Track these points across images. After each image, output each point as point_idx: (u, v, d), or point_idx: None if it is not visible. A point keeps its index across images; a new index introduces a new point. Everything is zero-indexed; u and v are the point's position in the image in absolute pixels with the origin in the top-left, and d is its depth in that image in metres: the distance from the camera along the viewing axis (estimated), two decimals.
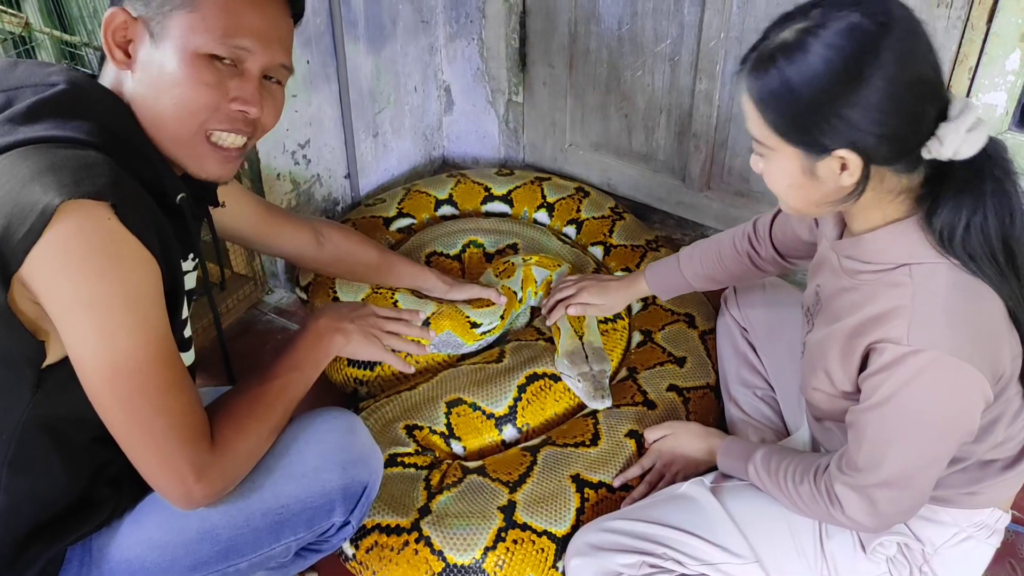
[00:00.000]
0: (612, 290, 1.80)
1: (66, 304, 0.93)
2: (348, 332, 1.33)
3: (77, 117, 1.00)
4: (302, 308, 2.12)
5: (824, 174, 1.09)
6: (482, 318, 1.84)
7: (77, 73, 1.05)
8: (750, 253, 1.60)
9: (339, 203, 2.32)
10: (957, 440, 1.14)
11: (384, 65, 2.31)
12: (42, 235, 0.90)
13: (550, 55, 2.34)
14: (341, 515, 1.19)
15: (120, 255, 0.94)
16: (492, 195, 2.31)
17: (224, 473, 1.06)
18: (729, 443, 1.47)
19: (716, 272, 1.66)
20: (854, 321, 1.16)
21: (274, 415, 1.15)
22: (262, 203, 1.49)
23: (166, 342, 1.00)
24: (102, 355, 0.95)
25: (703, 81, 2.12)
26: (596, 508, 1.52)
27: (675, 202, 2.36)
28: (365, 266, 1.73)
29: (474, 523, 1.45)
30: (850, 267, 1.20)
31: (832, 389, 1.23)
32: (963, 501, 1.27)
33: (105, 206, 0.93)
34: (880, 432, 1.13)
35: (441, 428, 1.66)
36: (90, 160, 0.95)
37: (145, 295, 0.97)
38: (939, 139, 1.04)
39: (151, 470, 1.02)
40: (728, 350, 1.78)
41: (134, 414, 0.98)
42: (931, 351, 1.07)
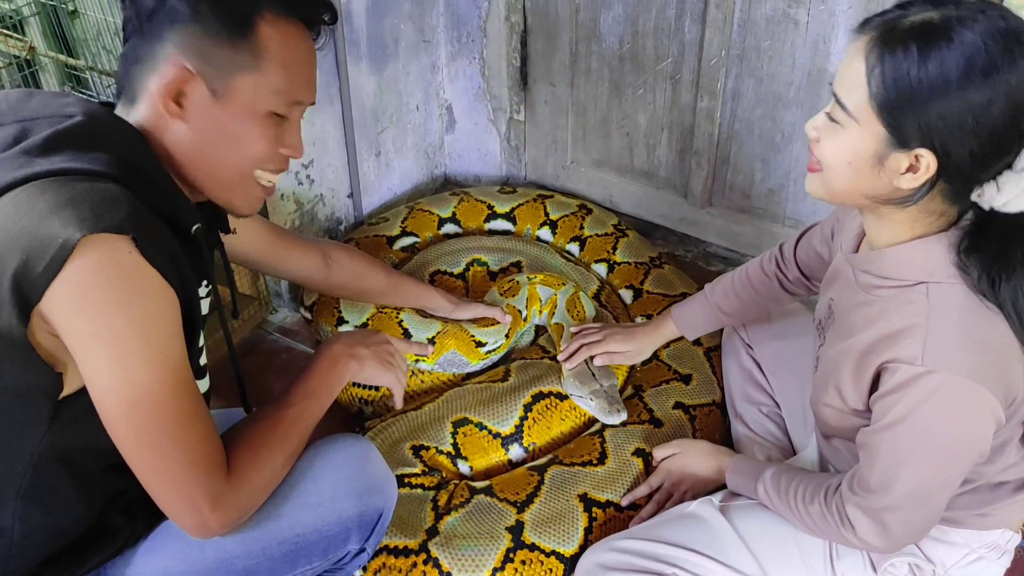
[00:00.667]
0: (638, 336, 1.77)
1: (85, 337, 0.94)
2: (362, 358, 1.33)
3: (94, 149, 1.00)
4: (307, 327, 2.12)
5: (891, 167, 1.06)
6: (487, 337, 1.85)
7: (94, 105, 1.06)
8: (778, 275, 1.59)
9: (342, 222, 2.32)
10: (969, 461, 1.14)
11: (386, 84, 2.32)
12: (62, 269, 0.91)
13: (551, 74, 2.36)
14: (356, 543, 1.19)
15: (139, 288, 0.95)
16: (495, 213, 2.31)
17: (240, 503, 1.06)
18: (738, 462, 1.47)
19: (746, 300, 1.63)
20: (867, 338, 1.15)
21: (290, 444, 1.15)
22: (270, 226, 1.49)
23: (184, 374, 1.00)
24: (120, 388, 0.95)
25: (704, 99, 2.13)
26: (604, 527, 1.51)
27: (677, 219, 2.37)
28: (372, 287, 1.73)
29: (482, 544, 1.45)
30: (866, 281, 1.19)
31: (843, 406, 1.23)
32: (974, 522, 1.27)
33: (125, 239, 0.94)
34: (893, 453, 1.13)
35: (448, 448, 1.66)
36: (109, 194, 0.96)
37: (164, 327, 0.98)
38: (997, 184, 1.03)
39: (167, 500, 1.02)
40: (733, 367, 1.77)
41: (151, 446, 0.98)
42: (944, 372, 1.06)
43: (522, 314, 1.91)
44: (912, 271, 1.12)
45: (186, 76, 1.03)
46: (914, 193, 1.07)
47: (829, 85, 1.12)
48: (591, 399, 1.66)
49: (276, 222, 2.03)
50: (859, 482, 1.19)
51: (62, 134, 1.01)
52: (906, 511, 1.17)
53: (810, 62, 1.96)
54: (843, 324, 1.24)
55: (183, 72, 1.02)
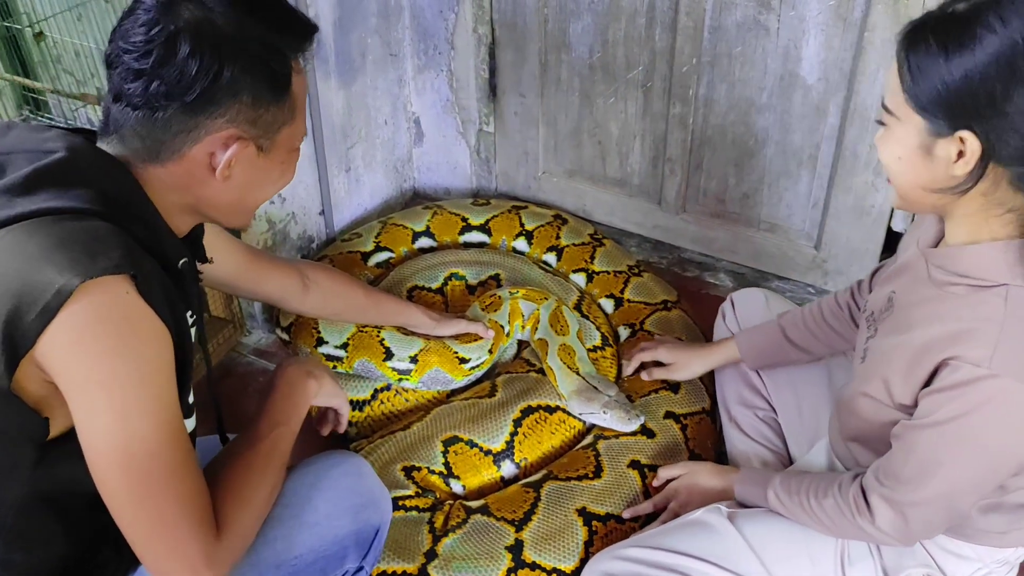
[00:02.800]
0: (688, 351, 1.76)
1: (80, 383, 0.91)
2: (319, 376, 1.30)
3: (76, 185, 0.96)
4: (283, 349, 2.08)
5: (941, 154, 1.06)
6: (470, 353, 1.82)
7: (75, 139, 1.02)
8: (850, 305, 1.54)
9: (314, 240, 2.28)
10: (1008, 471, 1.13)
11: (355, 99, 2.28)
12: (56, 316, 0.87)
13: (521, 85, 2.35)
14: (354, 561, 1.17)
15: (139, 332, 0.92)
16: (470, 225, 2.29)
17: (232, 553, 1.02)
18: (746, 472, 1.46)
19: (816, 331, 1.58)
20: (931, 333, 1.13)
21: (270, 477, 1.12)
22: (246, 249, 1.46)
23: (179, 422, 0.97)
24: (114, 437, 0.91)
25: (677, 106, 2.14)
26: (604, 541, 1.50)
27: (651, 226, 2.37)
28: (351, 306, 1.70)
29: (482, 565, 1.42)
30: (940, 277, 1.15)
31: (886, 399, 1.20)
32: (993, 540, 1.26)
33: (124, 279, 0.91)
34: (934, 451, 1.12)
35: (439, 468, 1.63)
36: (100, 232, 0.93)
37: (159, 371, 0.95)
38: None
39: (157, 559, 0.96)
40: (728, 370, 1.75)
41: (145, 500, 0.94)
42: (1009, 379, 1.05)
43: (504, 329, 1.89)
44: (992, 271, 1.09)
45: (242, 146, 1.02)
46: (973, 175, 1.06)
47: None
48: (604, 412, 1.64)
49: (249, 242, 1.98)
50: (887, 473, 1.18)
51: (42, 172, 0.97)
52: (932, 509, 1.16)
53: (781, 67, 1.98)
54: (903, 317, 1.21)
55: (239, 144, 1.02)
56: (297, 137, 1.10)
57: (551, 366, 1.77)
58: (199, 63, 0.96)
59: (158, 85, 0.96)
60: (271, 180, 1.11)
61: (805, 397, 1.60)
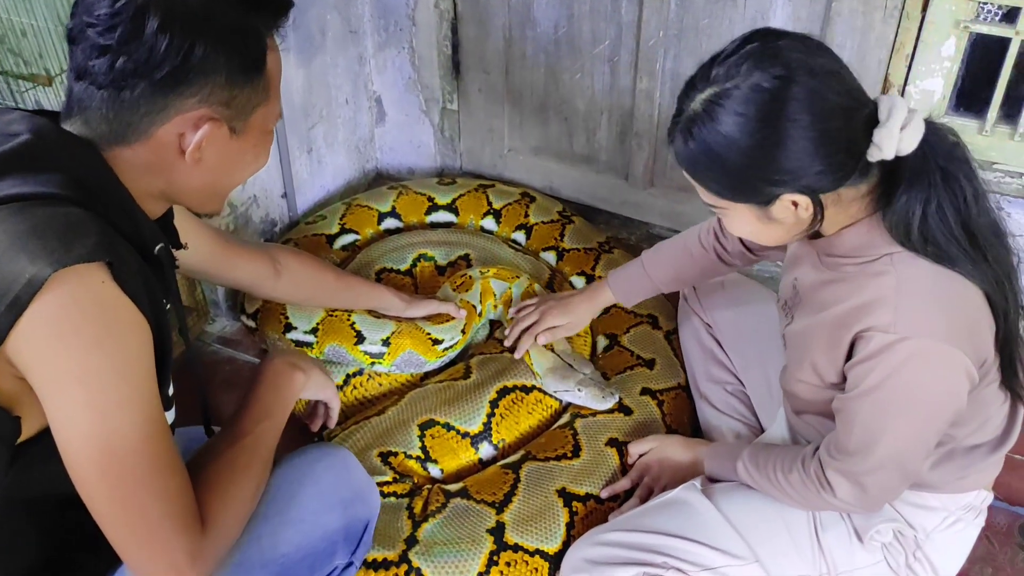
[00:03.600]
0: (575, 306, 1.76)
1: (56, 379, 0.86)
2: (306, 369, 1.26)
3: (46, 169, 0.91)
4: (248, 336, 2.03)
5: (781, 215, 1.12)
6: (443, 334, 1.79)
7: (41, 120, 0.96)
8: (716, 248, 1.59)
9: (277, 224, 2.23)
10: (945, 422, 1.16)
11: (315, 78, 2.23)
12: (28, 307, 0.83)
13: (485, 61, 2.30)
14: (344, 556, 1.13)
15: (116, 323, 0.88)
16: (436, 205, 2.25)
17: (217, 551, 0.98)
18: (715, 447, 1.47)
19: (683, 271, 1.65)
20: (839, 311, 1.17)
21: (255, 473, 1.08)
22: (218, 234, 1.41)
23: (160, 416, 0.93)
24: (94, 434, 0.87)
25: (643, 80, 2.12)
26: (586, 521, 1.49)
27: (619, 202, 2.36)
28: (323, 290, 1.66)
29: (464, 549, 1.40)
30: (831, 261, 1.21)
31: (818, 381, 1.24)
32: (951, 486, 1.29)
33: (99, 267, 0.86)
34: (872, 418, 1.15)
35: (416, 452, 1.60)
36: (73, 218, 0.88)
37: (139, 364, 0.90)
38: (877, 145, 1.06)
39: (140, 559, 0.92)
40: (694, 348, 1.77)
41: (127, 499, 0.89)
42: (918, 338, 1.09)
43: (476, 309, 1.86)
44: (871, 247, 1.15)
45: (214, 127, 0.97)
46: (818, 213, 1.12)
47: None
48: (579, 389, 1.63)
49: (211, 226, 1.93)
50: (837, 447, 1.21)
51: (8, 155, 0.91)
52: (885, 473, 1.19)
53: None
54: (813, 301, 1.25)
55: (211, 124, 0.96)
56: (272, 118, 1.05)
57: (528, 351, 1.75)
58: (169, 39, 0.91)
59: (124, 62, 0.91)
60: (244, 164, 1.06)
61: (771, 370, 1.61)
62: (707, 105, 1.06)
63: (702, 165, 1.10)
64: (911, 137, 1.06)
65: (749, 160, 1.06)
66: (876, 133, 1.06)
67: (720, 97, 1.05)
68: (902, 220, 1.10)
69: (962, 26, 1.73)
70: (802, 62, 1.04)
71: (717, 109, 1.05)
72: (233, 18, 0.95)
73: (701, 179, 1.13)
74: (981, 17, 1.76)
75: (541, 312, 1.76)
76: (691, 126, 1.08)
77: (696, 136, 1.07)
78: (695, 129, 1.07)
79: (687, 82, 1.12)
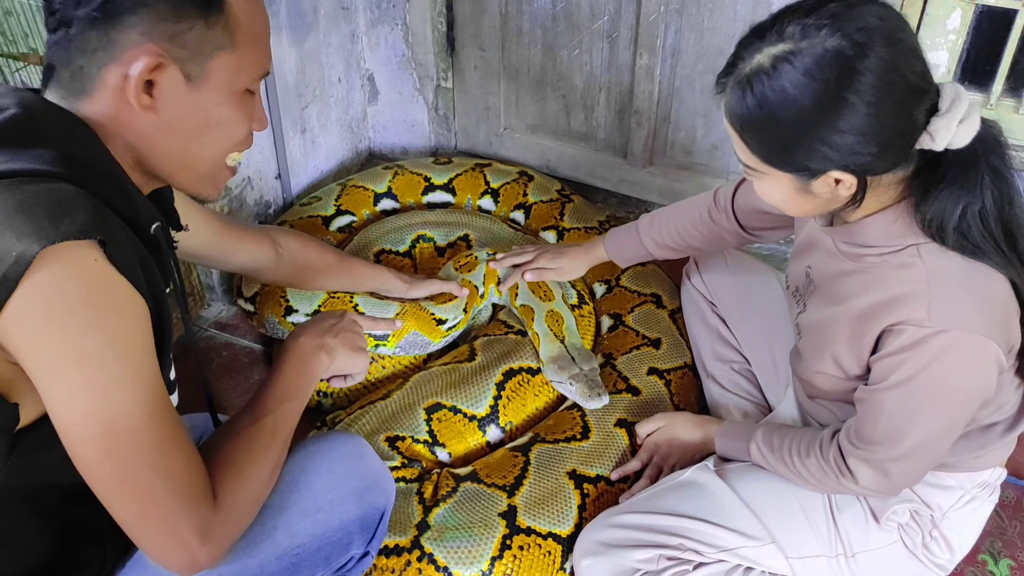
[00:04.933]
0: (570, 254, 1.77)
1: (50, 362, 0.82)
2: (332, 348, 1.21)
3: (35, 145, 0.87)
4: (246, 320, 1.99)
5: (819, 190, 1.07)
6: (446, 314, 1.77)
7: (27, 94, 0.92)
8: (710, 225, 1.57)
9: (271, 205, 2.19)
10: (975, 408, 1.14)
11: (308, 57, 2.18)
12: (17, 287, 0.79)
13: (480, 38, 2.26)
14: (360, 546, 1.11)
15: (109, 301, 0.84)
16: (433, 185, 2.22)
17: (229, 530, 0.96)
18: (727, 426, 1.46)
19: (676, 241, 1.63)
20: (863, 303, 1.14)
21: (272, 455, 1.05)
22: (219, 217, 1.37)
23: (162, 394, 0.89)
24: (94, 416, 0.84)
25: (644, 56, 2.09)
26: (597, 503, 1.47)
27: (618, 180, 2.33)
28: (324, 273, 1.63)
29: (477, 533, 1.39)
30: (850, 251, 1.17)
31: (840, 373, 1.21)
32: (967, 464, 1.29)
33: (91, 245, 0.83)
34: (901, 409, 1.13)
35: (424, 436, 1.58)
36: (63, 194, 0.84)
37: (137, 343, 0.87)
38: (931, 134, 1.02)
39: (150, 538, 0.90)
40: (699, 327, 1.76)
41: (132, 479, 0.87)
42: (954, 331, 1.06)
43: (479, 290, 1.84)
44: (896, 236, 1.11)
45: (158, 64, 0.90)
46: (859, 194, 1.07)
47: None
48: (571, 383, 1.60)
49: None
50: (859, 436, 1.19)
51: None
52: (910, 460, 1.17)
53: (752, 13, 1.94)
54: (830, 291, 1.22)
55: (155, 59, 0.90)
56: (244, 74, 0.97)
57: (537, 331, 1.72)
58: None
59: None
60: (209, 124, 0.97)
61: (778, 348, 1.60)
62: (776, 61, 0.99)
63: (755, 122, 1.03)
64: (966, 132, 1.01)
65: (807, 127, 1.00)
66: (934, 122, 1.01)
67: (792, 54, 0.98)
68: (938, 216, 1.06)
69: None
70: (885, 32, 0.98)
71: (786, 67, 0.98)
72: None
73: (749, 137, 1.05)
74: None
75: (536, 253, 1.77)
76: (752, 79, 1.01)
77: (756, 91, 1.00)
78: (756, 83, 1.00)
79: (752, 30, 1.04)
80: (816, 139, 1.01)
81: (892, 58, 0.98)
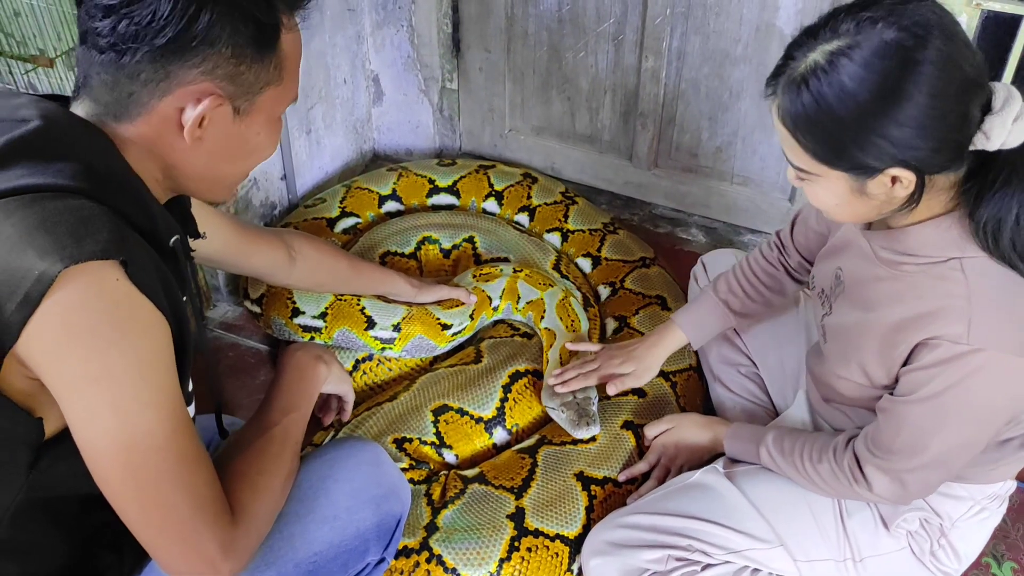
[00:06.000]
0: (639, 354, 1.60)
1: (72, 381, 0.83)
2: (328, 362, 1.28)
3: (57, 158, 0.87)
4: (251, 322, 2.00)
5: (875, 191, 1.05)
6: (452, 319, 1.77)
7: (49, 105, 0.92)
8: (783, 262, 1.53)
9: (276, 206, 2.19)
10: (1000, 426, 1.15)
11: (314, 58, 2.18)
12: (40, 305, 0.80)
13: (486, 39, 2.27)
14: (376, 553, 1.12)
15: (131, 320, 0.85)
16: (437, 187, 2.22)
17: (249, 543, 0.97)
18: (736, 428, 1.46)
19: (756, 296, 1.55)
20: (898, 314, 1.13)
21: (284, 465, 1.07)
22: (234, 222, 1.38)
23: (182, 411, 0.90)
24: (117, 435, 0.85)
25: (649, 59, 2.10)
26: (605, 505, 1.48)
27: (623, 182, 2.34)
28: (336, 277, 1.64)
29: (485, 535, 1.39)
30: (888, 257, 1.15)
31: (865, 381, 1.21)
32: (980, 477, 1.29)
33: (113, 265, 0.83)
34: (926, 422, 1.13)
35: (431, 438, 1.58)
36: (85, 212, 0.84)
37: (158, 361, 0.87)
38: (985, 133, 1.01)
39: (173, 556, 0.90)
40: None
41: (155, 497, 0.87)
42: (991, 350, 1.05)
43: (492, 302, 1.84)
44: (940, 247, 1.09)
45: (216, 104, 0.92)
46: (916, 194, 1.05)
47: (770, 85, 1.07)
48: (562, 411, 1.55)
49: None
50: (879, 445, 1.19)
51: (17, 143, 0.87)
52: (928, 472, 1.17)
53: (758, 17, 1.94)
54: (859, 296, 1.21)
55: (213, 100, 0.92)
56: (283, 103, 1.01)
57: (549, 357, 1.71)
58: (173, 3, 0.87)
59: (127, 25, 0.87)
60: (247, 151, 1.01)
61: (786, 352, 1.60)
62: (832, 57, 0.98)
63: (810, 120, 1.01)
64: (1020, 130, 1.01)
65: (865, 120, 0.98)
66: (988, 120, 1.00)
67: (850, 48, 0.98)
68: (994, 219, 1.04)
69: (975, 3, 1.72)
70: (941, 26, 0.97)
71: (843, 60, 0.98)
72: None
73: (804, 136, 1.04)
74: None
75: (601, 361, 1.60)
76: (808, 77, 1.00)
77: (812, 88, 0.99)
78: (812, 80, 0.99)
79: (804, 31, 1.03)
80: (875, 132, 0.99)
81: (950, 50, 0.97)
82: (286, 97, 1.01)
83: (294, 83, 1.01)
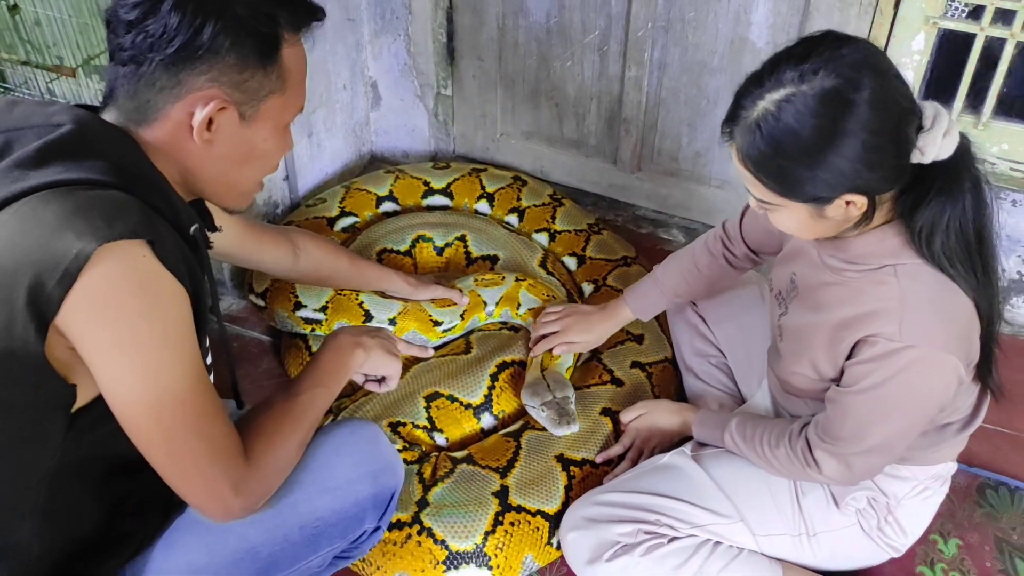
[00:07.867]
0: (596, 324, 1.80)
1: (105, 348, 0.95)
2: (368, 347, 1.35)
3: (89, 157, 0.99)
4: (256, 314, 2.11)
5: (833, 214, 1.17)
6: (442, 317, 1.89)
7: (81, 112, 1.04)
8: (725, 254, 1.66)
9: (279, 206, 2.31)
10: (933, 413, 1.28)
11: (315, 65, 2.30)
12: (78, 280, 0.91)
13: (479, 48, 2.39)
14: (372, 521, 1.24)
15: (158, 292, 0.96)
16: (432, 189, 2.34)
17: (259, 487, 1.10)
18: (703, 415, 1.58)
19: (695, 280, 1.70)
20: (842, 315, 1.26)
21: (301, 430, 1.18)
22: (244, 220, 1.50)
23: (201, 371, 1.03)
24: (146, 393, 0.97)
25: (632, 69, 2.22)
26: (582, 484, 1.60)
27: (607, 185, 2.46)
28: (337, 273, 1.76)
29: (472, 510, 1.52)
30: (833, 264, 1.28)
31: (815, 375, 1.33)
32: (923, 459, 1.41)
33: (141, 244, 0.95)
34: (867, 411, 1.25)
35: (423, 422, 1.71)
36: (117, 199, 0.96)
37: (182, 328, 0.99)
38: (920, 150, 1.13)
39: (193, 492, 1.04)
40: (680, 324, 1.87)
41: (178, 444, 1.00)
42: (921, 347, 1.18)
43: (486, 306, 1.94)
44: (878, 256, 1.22)
45: (222, 107, 1.04)
46: (868, 212, 1.17)
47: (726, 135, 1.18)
48: (542, 410, 1.65)
49: None
50: (826, 432, 1.31)
51: (53, 145, 0.99)
52: (872, 456, 1.30)
53: (732, 31, 2.07)
54: (810, 299, 1.34)
55: (220, 104, 1.03)
56: (288, 112, 1.11)
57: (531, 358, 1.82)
58: (181, 16, 0.99)
59: (143, 39, 1.00)
60: (256, 156, 1.11)
61: (753, 346, 1.72)
62: (781, 105, 1.09)
63: (767, 161, 1.12)
64: (949, 144, 1.12)
65: (816, 158, 1.10)
66: (921, 138, 1.12)
67: (794, 97, 1.09)
68: (928, 226, 1.16)
69: (931, 22, 1.85)
70: (871, 65, 1.09)
71: (790, 109, 1.09)
72: (251, 7, 1.02)
73: (764, 175, 1.15)
74: (949, 13, 1.88)
75: (563, 325, 1.80)
76: (760, 123, 1.11)
77: (766, 132, 1.10)
78: (765, 127, 1.10)
79: (750, 79, 1.14)
80: (824, 167, 1.11)
81: (884, 87, 1.09)
82: (291, 106, 1.11)
83: (298, 94, 1.12)
